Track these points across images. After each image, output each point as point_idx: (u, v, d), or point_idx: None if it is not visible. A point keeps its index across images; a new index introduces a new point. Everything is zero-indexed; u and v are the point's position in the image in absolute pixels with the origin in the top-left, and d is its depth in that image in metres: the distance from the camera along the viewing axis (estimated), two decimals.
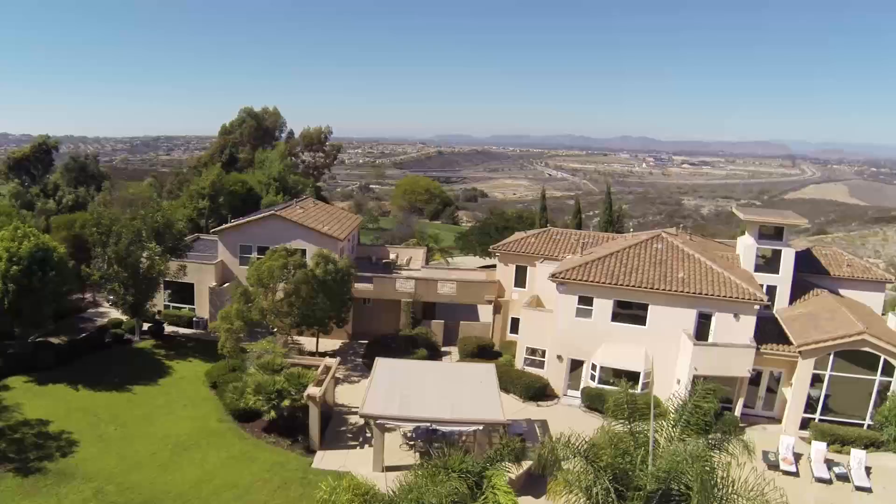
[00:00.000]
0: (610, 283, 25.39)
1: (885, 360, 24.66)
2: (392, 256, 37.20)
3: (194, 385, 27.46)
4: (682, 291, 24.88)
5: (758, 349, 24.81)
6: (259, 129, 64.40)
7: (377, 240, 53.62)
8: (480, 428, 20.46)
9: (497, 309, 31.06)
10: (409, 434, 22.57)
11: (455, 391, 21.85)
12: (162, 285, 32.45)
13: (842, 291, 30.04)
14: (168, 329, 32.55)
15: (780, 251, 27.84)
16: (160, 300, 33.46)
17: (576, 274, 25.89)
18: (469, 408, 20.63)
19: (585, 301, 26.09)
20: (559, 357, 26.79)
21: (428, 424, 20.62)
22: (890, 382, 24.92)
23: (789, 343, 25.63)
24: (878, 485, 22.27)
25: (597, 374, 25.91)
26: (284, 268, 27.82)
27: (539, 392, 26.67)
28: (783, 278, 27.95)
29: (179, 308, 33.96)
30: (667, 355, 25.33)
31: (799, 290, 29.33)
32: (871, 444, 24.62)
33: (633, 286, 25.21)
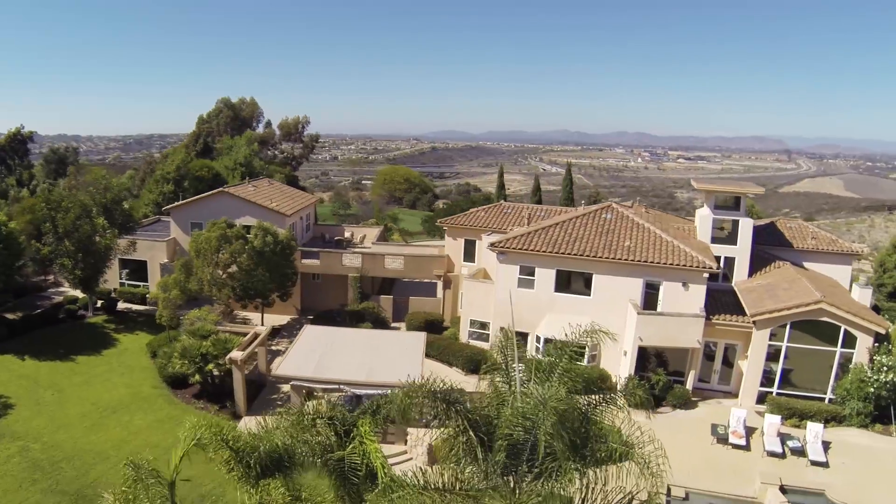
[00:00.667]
0: (551, 252, 23.76)
1: (846, 331, 22.95)
2: (347, 235, 35.90)
3: (136, 355, 27.72)
4: (626, 259, 23.24)
5: (709, 319, 23.13)
6: (236, 120, 63.07)
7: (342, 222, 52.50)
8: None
9: (447, 284, 29.53)
10: (336, 401, 21.45)
11: (377, 357, 20.64)
12: (117, 263, 32.45)
13: (807, 265, 28.30)
14: (123, 306, 32.50)
15: (738, 221, 26.15)
16: (115, 278, 33.44)
17: (516, 243, 24.27)
18: (386, 372, 19.17)
19: (527, 271, 24.47)
20: (502, 329, 25.03)
21: (351, 391, 19.57)
22: (852, 354, 23.24)
23: (744, 314, 24.00)
24: (836, 460, 20.57)
25: (541, 346, 24.25)
26: (224, 239, 27.03)
27: (482, 365, 25.02)
28: (741, 249, 26.21)
29: (136, 286, 33.89)
30: (614, 327, 23.48)
31: (760, 262, 27.61)
32: (832, 419, 22.92)
33: (576, 254, 23.58)
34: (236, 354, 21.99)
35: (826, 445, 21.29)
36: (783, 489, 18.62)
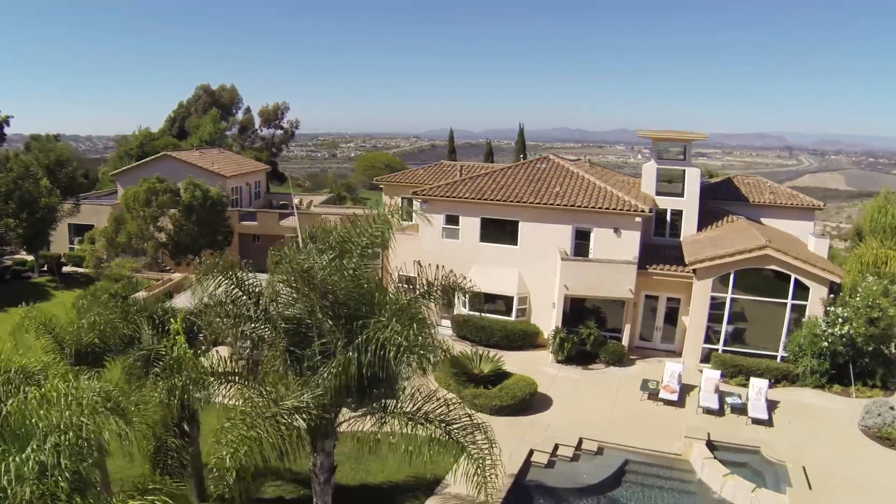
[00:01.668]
0: (475, 199, 21.48)
1: (797, 281, 20.36)
2: (296, 201, 34.16)
3: (66, 307, 26.77)
4: (553, 204, 20.88)
5: (645, 269, 20.70)
6: (215, 105, 61.59)
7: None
8: None
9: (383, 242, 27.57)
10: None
11: None
12: (67, 228, 32.68)
13: (765, 221, 25.66)
14: (70, 269, 32.39)
15: (684, 171, 23.65)
16: (64, 243, 33.48)
17: (440, 191, 22.06)
18: None
19: (452, 221, 22.20)
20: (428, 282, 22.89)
21: None
22: (804, 307, 20.68)
23: (685, 265, 21.52)
24: (782, 419, 18.00)
25: (466, 299, 21.98)
26: (152, 192, 26.10)
27: None
28: (689, 201, 23.69)
29: (85, 250, 33.27)
30: (544, 279, 21.32)
31: (712, 216, 25.01)
32: (783, 378, 20.37)
33: (500, 200, 21.27)
34: (139, 294, 21.58)
35: (773, 404, 18.74)
36: (712, 445, 16.19)
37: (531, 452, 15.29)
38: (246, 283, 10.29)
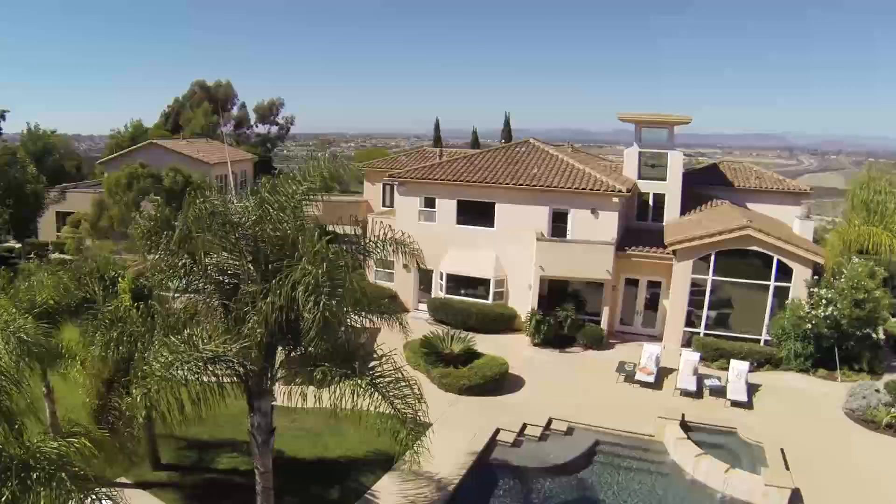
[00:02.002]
0: (451, 181, 20.91)
1: (780, 262, 19.69)
2: None
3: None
4: (529, 185, 20.29)
5: (624, 250, 20.07)
6: (210, 101, 61.07)
7: None
8: None
9: (363, 228, 26.95)
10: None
11: None
12: (54, 216, 32.40)
13: (750, 206, 24.97)
14: (57, 256, 31.17)
15: (666, 154, 23.00)
16: (52, 230, 33.31)
17: (416, 174, 21.52)
18: None
19: (428, 203, 21.64)
20: (405, 266, 22.31)
21: None
22: (788, 290, 19.98)
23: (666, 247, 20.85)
24: (763, 402, 17.31)
25: (443, 283, 21.42)
26: (133, 177, 26.08)
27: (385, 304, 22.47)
28: (671, 185, 23.03)
29: (72, 237, 32.75)
30: (521, 261, 20.67)
31: (695, 201, 24.31)
32: (766, 362, 19.66)
33: (477, 182, 20.69)
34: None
35: (754, 388, 18.04)
36: (686, 426, 15.52)
37: (497, 431, 14.67)
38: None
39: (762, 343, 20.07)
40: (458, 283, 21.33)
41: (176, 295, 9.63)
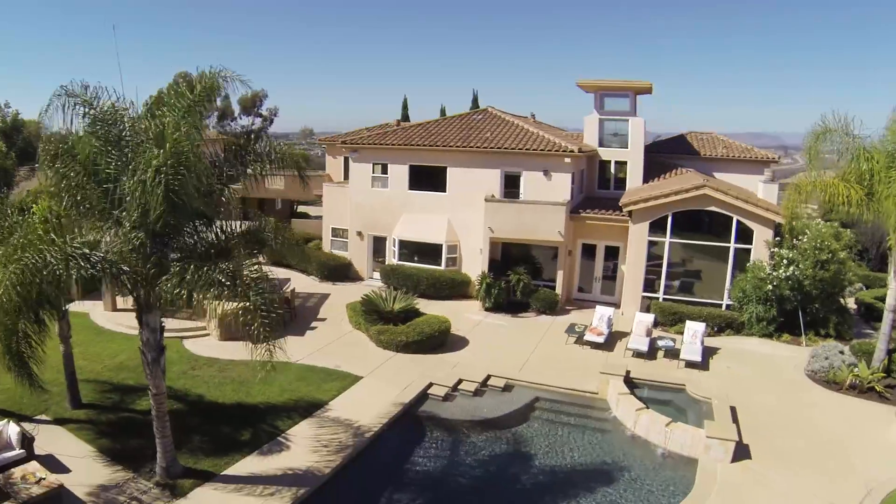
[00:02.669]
0: (403, 145, 19.96)
1: (740, 223, 18.57)
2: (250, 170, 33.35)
3: None
4: (481, 147, 19.27)
5: (578, 212, 19.00)
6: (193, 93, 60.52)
7: None
8: None
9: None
10: None
11: None
12: (25, 194, 31.59)
13: (718, 175, 23.86)
14: None
15: (628, 121, 21.94)
16: None
17: (369, 139, 20.58)
18: None
19: (381, 169, 20.70)
20: (359, 234, 21.44)
21: None
22: (749, 251, 18.81)
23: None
24: (721, 364, 16.07)
25: (396, 249, 20.41)
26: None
27: (339, 272, 21.81)
28: (633, 152, 21.95)
29: None
30: (474, 226, 19.65)
31: (660, 169, 23.24)
32: (728, 326, 18.44)
33: (428, 146, 19.71)
34: None
35: (712, 351, 16.86)
36: (632, 383, 14.37)
37: (430, 386, 13.62)
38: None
39: (724, 308, 18.92)
40: (410, 249, 20.32)
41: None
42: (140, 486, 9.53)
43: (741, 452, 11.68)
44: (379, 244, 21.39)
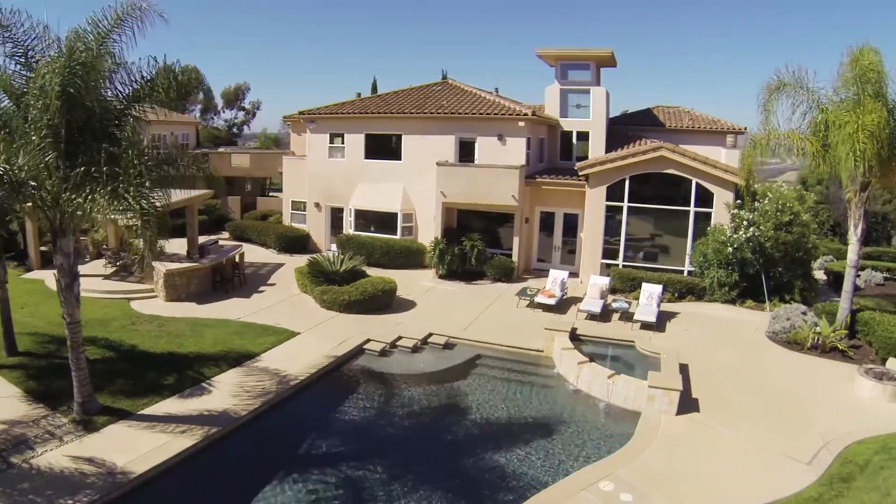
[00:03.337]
0: (358, 114, 19.14)
1: (699, 186, 17.66)
2: (221, 150, 32.71)
3: None
4: (435, 113, 18.42)
5: (534, 177, 18.12)
6: (176, 86, 59.48)
7: None
8: None
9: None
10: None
11: None
12: None
13: (684, 147, 23.01)
14: None
15: (589, 91, 21.08)
16: None
17: (326, 110, 19.78)
18: None
19: (337, 139, 19.88)
20: (317, 205, 20.58)
21: None
22: (710, 215, 17.89)
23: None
24: (678, 327, 15.06)
25: (353, 220, 19.54)
26: None
27: (298, 244, 21.02)
28: (595, 123, 21.08)
29: None
30: (429, 194, 18.70)
31: (624, 140, 22.33)
32: (689, 292, 17.49)
33: (382, 113, 18.89)
34: None
35: (670, 315, 15.88)
36: (578, 339, 13.45)
37: (367, 341, 12.72)
38: None
39: (685, 274, 17.99)
40: (367, 219, 19.44)
41: None
42: (55, 422, 9.23)
43: (689, 406, 10.71)
44: (337, 216, 20.48)
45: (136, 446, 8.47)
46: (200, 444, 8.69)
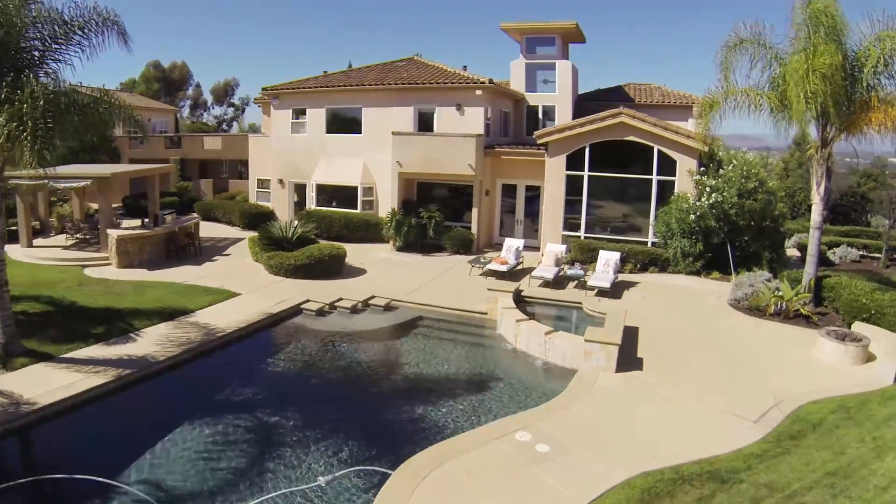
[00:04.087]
0: (320, 87, 18.48)
1: (661, 153, 16.73)
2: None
3: None
4: (393, 84, 17.70)
5: (492, 148, 17.32)
6: (164, 81, 58.83)
7: None
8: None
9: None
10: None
11: None
12: None
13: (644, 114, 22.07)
14: None
15: (554, 64, 20.27)
16: None
17: (289, 85, 19.16)
18: None
19: (299, 114, 19.22)
20: (280, 182, 19.95)
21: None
22: (673, 183, 16.95)
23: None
24: (636, 294, 14.13)
25: (315, 195, 18.87)
26: None
27: (262, 221, 20.05)
28: (561, 96, 20.26)
29: None
30: (389, 168, 17.90)
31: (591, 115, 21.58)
32: (652, 263, 16.55)
33: (342, 86, 18.20)
34: None
35: (629, 283, 14.95)
36: (524, 300, 12.65)
37: (306, 301, 12.05)
38: None
39: (648, 245, 17.06)
40: (328, 194, 18.76)
41: None
42: None
43: (632, 364, 9.82)
44: (301, 192, 19.81)
45: (47, 383, 8.38)
46: (112, 384, 8.57)
